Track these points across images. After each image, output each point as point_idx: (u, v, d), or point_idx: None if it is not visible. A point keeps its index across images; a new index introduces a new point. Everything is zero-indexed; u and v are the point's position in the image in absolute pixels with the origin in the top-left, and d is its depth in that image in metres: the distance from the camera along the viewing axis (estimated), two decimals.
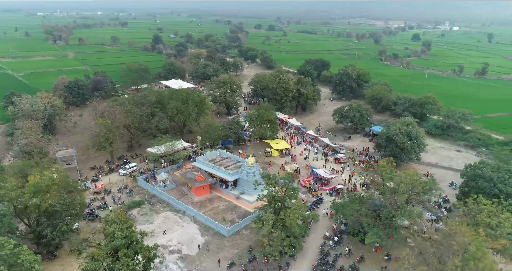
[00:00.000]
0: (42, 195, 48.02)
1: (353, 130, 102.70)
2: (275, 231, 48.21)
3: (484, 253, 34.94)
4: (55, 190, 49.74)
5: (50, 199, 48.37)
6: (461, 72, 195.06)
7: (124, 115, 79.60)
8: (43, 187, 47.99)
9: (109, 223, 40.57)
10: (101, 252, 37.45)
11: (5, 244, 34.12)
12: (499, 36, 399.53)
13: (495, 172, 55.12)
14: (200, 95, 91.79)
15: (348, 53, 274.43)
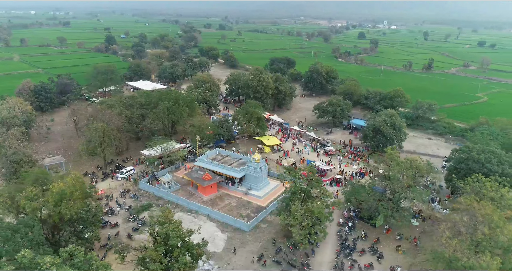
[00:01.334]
0: (66, 202, 46.03)
1: (333, 124, 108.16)
2: (304, 220, 50.66)
3: (504, 221, 40.49)
4: (77, 197, 47.84)
5: (75, 206, 46.51)
6: (410, 68, 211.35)
7: (118, 118, 76.94)
8: (68, 195, 46.01)
9: (158, 223, 40.27)
10: (158, 254, 37.26)
11: (75, 251, 32.78)
12: (432, 34, 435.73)
13: (481, 154, 62.54)
14: (189, 95, 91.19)
15: (303, 51, 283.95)
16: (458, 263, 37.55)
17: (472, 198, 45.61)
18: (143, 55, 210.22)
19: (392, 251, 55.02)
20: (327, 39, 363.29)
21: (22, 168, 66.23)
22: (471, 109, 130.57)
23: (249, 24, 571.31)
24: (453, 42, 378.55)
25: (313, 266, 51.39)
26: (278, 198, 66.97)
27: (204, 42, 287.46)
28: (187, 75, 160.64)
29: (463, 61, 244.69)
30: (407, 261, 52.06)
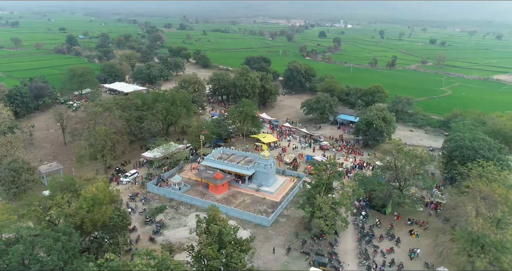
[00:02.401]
0: (98, 208, 44.86)
1: (320, 120, 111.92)
2: (329, 211, 52.96)
3: None
4: (107, 202, 46.75)
5: (107, 211, 45.44)
6: (375, 65, 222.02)
7: (119, 120, 74.71)
8: (100, 199, 44.85)
9: (208, 222, 40.56)
10: (215, 251, 37.67)
11: (151, 253, 32.29)
12: (387, 33, 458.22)
13: (473, 141, 68.45)
14: (186, 95, 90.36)
15: (270, 50, 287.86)
16: (487, 239, 41.65)
17: (484, 181, 50.32)
18: (111, 56, 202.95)
19: (406, 235, 58.93)
20: (291, 38, 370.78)
21: (21, 176, 62.89)
22: (439, 102, 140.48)
23: (209, 24, 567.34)
24: (406, 40, 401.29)
25: (340, 254, 53.87)
26: (291, 192, 69.09)
27: (169, 42, 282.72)
28: (163, 76, 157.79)
29: (420, 58, 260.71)
30: (424, 243, 56.13)
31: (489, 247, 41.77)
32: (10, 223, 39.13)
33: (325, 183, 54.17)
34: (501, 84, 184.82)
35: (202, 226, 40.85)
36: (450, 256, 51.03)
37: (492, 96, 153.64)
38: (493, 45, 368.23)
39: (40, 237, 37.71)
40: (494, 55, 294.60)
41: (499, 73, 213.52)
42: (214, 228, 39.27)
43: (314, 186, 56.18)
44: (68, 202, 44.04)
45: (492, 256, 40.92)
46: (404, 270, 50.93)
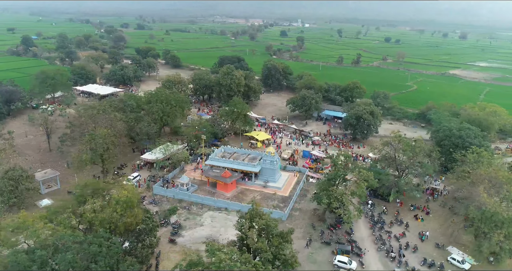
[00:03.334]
0: (130, 211, 43.93)
1: (305, 117, 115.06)
2: (347, 202, 55.53)
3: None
4: (137, 205, 45.85)
5: (139, 214, 44.62)
6: (342, 62, 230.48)
7: (120, 123, 72.31)
8: (133, 203, 43.92)
9: (252, 216, 41.17)
10: (264, 244, 38.49)
11: (216, 252, 32.25)
12: (344, 32, 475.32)
13: (460, 130, 74.40)
14: (180, 95, 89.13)
15: (236, 49, 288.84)
16: (499, 216, 46.13)
17: (485, 166, 55.32)
18: (74, 58, 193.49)
19: (412, 220, 63.05)
20: (253, 38, 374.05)
21: (20, 185, 59.42)
22: (408, 96, 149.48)
23: (167, 24, 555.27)
24: (363, 39, 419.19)
25: (358, 242, 56.61)
26: (297, 187, 71.02)
27: (132, 43, 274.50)
28: (137, 77, 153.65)
29: (379, 55, 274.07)
30: (430, 226, 60.45)
31: (502, 224, 46.28)
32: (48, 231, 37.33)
33: (343, 174, 56.59)
34: (457, 78, 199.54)
35: (246, 222, 41.32)
36: (460, 236, 55.77)
37: (453, 89, 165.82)
38: (441, 42, 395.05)
39: (84, 243, 36.46)
40: (444, 52, 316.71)
41: (453, 68, 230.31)
42: (261, 222, 40.09)
43: (330, 178, 58.45)
44: (101, 207, 42.59)
45: (506, 231, 45.47)
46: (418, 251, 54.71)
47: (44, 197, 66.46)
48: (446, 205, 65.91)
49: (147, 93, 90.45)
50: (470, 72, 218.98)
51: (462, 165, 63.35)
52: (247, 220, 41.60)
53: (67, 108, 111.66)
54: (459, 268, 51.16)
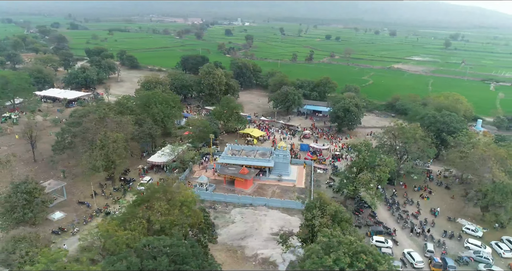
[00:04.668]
0: (193, 212, 43.55)
1: (287, 113, 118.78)
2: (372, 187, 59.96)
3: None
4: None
5: (200, 214, 44.38)
6: (295, 59, 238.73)
7: (131, 126, 68.89)
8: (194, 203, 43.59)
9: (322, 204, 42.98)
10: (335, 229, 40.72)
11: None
12: (286, 30, 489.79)
13: (444, 116, 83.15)
14: (176, 96, 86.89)
15: (186, 49, 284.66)
16: (510, 187, 53.64)
17: (482, 145, 63.28)
18: (17, 61, 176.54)
19: (419, 199, 69.62)
20: (200, 37, 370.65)
21: (35, 198, 54.90)
22: (369, 89, 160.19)
23: (102, 23, 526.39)
24: (305, 37, 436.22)
25: (383, 223, 61.35)
26: (309, 178, 74.13)
27: (75, 43, 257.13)
28: (100, 80, 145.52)
29: (326, 52, 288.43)
30: (436, 203, 67.32)
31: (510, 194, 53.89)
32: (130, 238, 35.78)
33: (369, 161, 60.73)
34: (402, 72, 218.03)
35: (317, 211, 43.02)
36: (466, 209, 63.39)
37: (403, 82, 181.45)
38: (375, 39, 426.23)
39: (173, 246, 35.74)
40: (381, 48, 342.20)
41: (394, 62, 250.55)
42: (332, 209, 42.31)
43: (353, 165, 62.32)
44: (167, 209, 41.49)
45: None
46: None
47: (52, 209, 61.76)
48: (442, 184, 74.12)
49: (141, 95, 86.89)
50: (410, 66, 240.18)
51: (457, 147, 71.34)
52: (316, 208, 43.44)
53: (35, 115, 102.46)
54: (474, 236, 58.20)
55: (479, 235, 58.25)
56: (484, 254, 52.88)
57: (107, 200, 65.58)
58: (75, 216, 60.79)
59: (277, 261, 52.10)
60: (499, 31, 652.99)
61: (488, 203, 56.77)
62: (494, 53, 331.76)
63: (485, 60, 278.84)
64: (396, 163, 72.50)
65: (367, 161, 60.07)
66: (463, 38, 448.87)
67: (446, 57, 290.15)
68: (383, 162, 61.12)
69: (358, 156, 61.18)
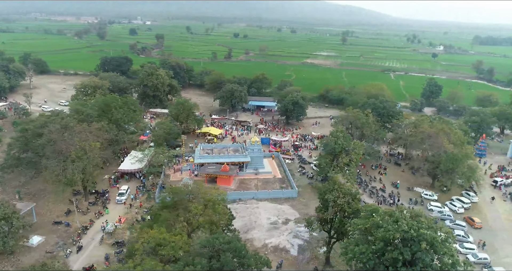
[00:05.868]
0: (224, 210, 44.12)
1: (232, 109, 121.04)
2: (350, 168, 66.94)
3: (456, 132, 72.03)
4: None
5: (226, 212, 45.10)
6: (216, 58, 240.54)
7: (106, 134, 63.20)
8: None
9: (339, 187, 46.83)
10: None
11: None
12: (193, 28, 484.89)
13: (382, 103, 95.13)
14: (134, 99, 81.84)
15: (95, 50, 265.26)
16: (459, 155, 65.53)
17: (426, 124, 75.25)
18: None
19: (379, 175, 79.38)
20: (103, 37, 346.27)
21: (17, 223, 48.60)
22: (295, 83, 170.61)
23: None
24: (214, 35, 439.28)
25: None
26: (282, 168, 78.37)
27: None
28: (13, 87, 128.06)
29: (240, 49, 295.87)
30: (392, 178, 77.63)
31: (459, 161, 65.79)
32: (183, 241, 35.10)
33: (345, 146, 67.18)
34: (316, 66, 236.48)
35: (335, 193, 46.85)
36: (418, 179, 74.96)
37: (321, 75, 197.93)
38: (279, 36, 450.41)
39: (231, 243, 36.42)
40: (288, 44, 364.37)
41: (306, 58, 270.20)
42: (346, 189, 46.90)
43: (331, 151, 68.21)
44: (202, 210, 41.14)
45: (462, 166, 65.25)
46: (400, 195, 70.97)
47: (24, 234, 54.59)
48: (391, 161, 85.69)
49: (97, 100, 79.59)
50: (320, 61, 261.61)
51: (403, 128, 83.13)
52: (335, 190, 47.32)
53: None
54: (432, 199, 69.36)
55: (435, 198, 69.63)
56: (446, 213, 63.86)
57: (85, 215, 60.30)
58: (57, 238, 54.89)
59: (287, 246, 55.17)
60: (378, 28, 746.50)
61: (441, 171, 68.21)
62: (382, 47, 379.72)
63: (377, 53, 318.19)
64: None
65: (344, 146, 66.64)
66: (353, 35, 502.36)
67: (345, 52, 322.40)
68: (356, 145, 68.44)
69: (336, 142, 67.26)
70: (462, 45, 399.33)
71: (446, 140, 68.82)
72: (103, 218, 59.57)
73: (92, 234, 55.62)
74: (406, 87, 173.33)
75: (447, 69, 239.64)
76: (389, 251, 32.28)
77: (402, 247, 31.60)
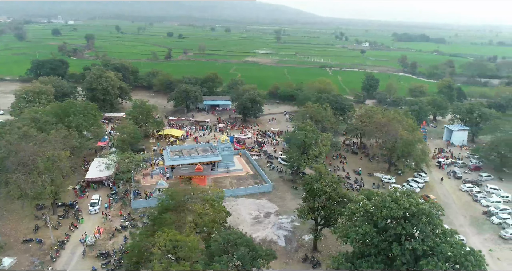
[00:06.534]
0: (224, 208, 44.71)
1: (187, 109, 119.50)
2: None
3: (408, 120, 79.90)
4: None
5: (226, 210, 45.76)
6: (157, 58, 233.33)
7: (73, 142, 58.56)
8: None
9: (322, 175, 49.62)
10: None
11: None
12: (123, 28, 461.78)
13: (336, 97, 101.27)
14: (93, 104, 76.71)
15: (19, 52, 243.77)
16: (413, 140, 72.94)
17: (379, 114, 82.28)
18: None
19: (341, 165, 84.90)
20: (23, 37, 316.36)
21: None
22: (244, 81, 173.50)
23: None
24: (146, 34, 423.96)
25: None
26: (252, 165, 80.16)
27: None
28: None
29: (178, 49, 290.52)
30: (353, 165, 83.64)
31: (412, 146, 73.32)
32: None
33: (314, 139, 70.77)
34: (257, 64, 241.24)
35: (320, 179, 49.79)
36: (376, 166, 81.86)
37: (265, 73, 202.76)
38: (215, 35, 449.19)
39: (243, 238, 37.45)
40: (226, 43, 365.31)
41: (245, 56, 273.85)
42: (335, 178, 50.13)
43: (301, 144, 71.39)
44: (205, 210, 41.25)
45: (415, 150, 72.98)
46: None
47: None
48: (348, 150, 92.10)
49: (53, 106, 73.02)
50: (259, 59, 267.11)
51: (357, 119, 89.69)
52: (322, 179, 50.18)
53: None
54: (391, 182, 76.25)
55: (394, 181, 76.69)
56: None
57: (58, 230, 56.28)
58: (31, 257, 50.68)
59: (274, 238, 57.18)
60: (308, 27, 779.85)
61: (397, 156, 75.36)
62: (314, 44, 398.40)
63: (312, 51, 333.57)
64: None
65: (313, 139, 70.35)
66: (285, 33, 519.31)
67: (281, 50, 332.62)
68: (324, 137, 72.61)
69: (306, 135, 70.62)
70: (384, 41, 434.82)
71: (401, 127, 76.17)
72: (78, 230, 56.22)
73: (71, 248, 52.36)
74: (345, 82, 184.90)
75: (375, 64, 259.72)
76: (392, 228, 35.89)
77: (404, 222, 35.39)
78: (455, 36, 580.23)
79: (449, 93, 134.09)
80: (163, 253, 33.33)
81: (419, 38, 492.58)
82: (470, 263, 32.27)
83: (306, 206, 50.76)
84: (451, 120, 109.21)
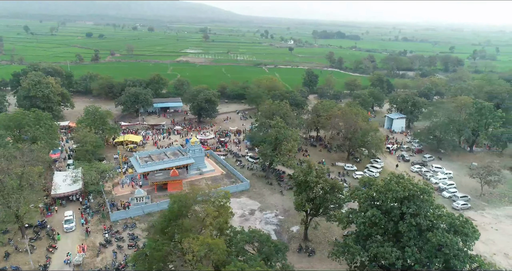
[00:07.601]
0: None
1: (136, 113, 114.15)
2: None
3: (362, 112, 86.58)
4: None
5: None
6: (82, 61, 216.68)
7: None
8: None
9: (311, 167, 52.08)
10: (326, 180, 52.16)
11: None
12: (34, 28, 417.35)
13: (289, 93, 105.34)
14: (46, 114, 69.04)
15: None
16: (370, 130, 79.69)
17: (336, 108, 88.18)
18: None
19: (305, 157, 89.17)
20: None
21: None
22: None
23: None
24: (61, 35, 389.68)
25: None
26: (222, 165, 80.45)
27: None
28: None
29: (104, 50, 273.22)
30: (316, 158, 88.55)
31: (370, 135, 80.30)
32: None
33: (283, 136, 73.30)
34: (191, 64, 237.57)
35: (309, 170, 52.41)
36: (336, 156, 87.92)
37: (203, 72, 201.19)
38: (137, 35, 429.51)
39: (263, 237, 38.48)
40: (152, 43, 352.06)
41: (176, 56, 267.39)
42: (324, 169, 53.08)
43: (272, 141, 73.52)
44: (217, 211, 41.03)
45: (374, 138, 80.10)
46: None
47: None
48: (307, 144, 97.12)
49: (3, 118, 63.76)
50: (192, 58, 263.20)
51: (312, 113, 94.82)
52: (312, 172, 52.79)
53: None
54: (352, 170, 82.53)
55: (355, 168, 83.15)
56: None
57: (33, 254, 50.98)
58: None
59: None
60: (231, 25, 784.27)
61: (357, 144, 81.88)
62: (241, 43, 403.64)
63: (241, 49, 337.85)
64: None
65: (285, 135, 73.09)
66: (210, 32, 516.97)
67: (210, 49, 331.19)
68: (293, 133, 75.78)
69: (279, 131, 73.02)
70: (307, 39, 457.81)
71: (359, 119, 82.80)
72: (58, 251, 51.62)
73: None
74: (283, 79, 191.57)
75: (304, 61, 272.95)
76: (396, 208, 39.96)
77: (407, 202, 39.67)
78: (367, 33, 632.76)
79: (381, 86, 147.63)
80: (196, 258, 32.89)
81: (336, 35, 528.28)
82: (468, 229, 37.62)
83: (301, 198, 53.00)
84: (389, 110, 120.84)
